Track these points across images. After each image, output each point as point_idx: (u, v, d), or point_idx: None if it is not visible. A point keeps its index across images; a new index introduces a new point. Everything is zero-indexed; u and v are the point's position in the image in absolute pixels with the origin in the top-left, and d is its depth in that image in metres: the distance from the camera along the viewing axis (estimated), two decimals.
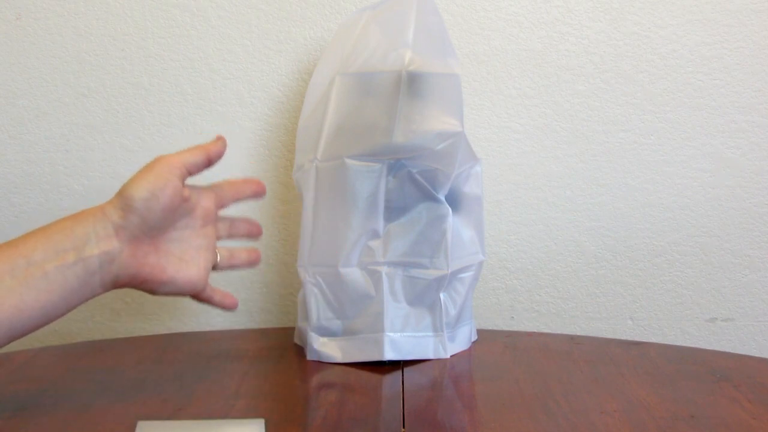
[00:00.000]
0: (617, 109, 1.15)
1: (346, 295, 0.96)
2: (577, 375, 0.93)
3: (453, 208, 0.97)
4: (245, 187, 0.87)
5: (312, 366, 0.97)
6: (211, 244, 0.83)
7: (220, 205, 0.85)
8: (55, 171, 1.17)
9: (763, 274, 1.17)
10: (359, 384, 0.91)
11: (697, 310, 1.18)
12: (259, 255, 0.88)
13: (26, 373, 0.94)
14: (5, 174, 1.17)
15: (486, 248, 1.06)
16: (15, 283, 0.73)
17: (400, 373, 0.93)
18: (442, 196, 0.96)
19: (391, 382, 0.91)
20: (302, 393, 0.92)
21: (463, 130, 0.94)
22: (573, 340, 1.06)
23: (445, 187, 0.96)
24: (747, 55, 1.13)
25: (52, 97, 1.16)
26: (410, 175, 0.95)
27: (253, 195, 0.87)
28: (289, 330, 1.07)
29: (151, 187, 0.76)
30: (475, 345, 1.03)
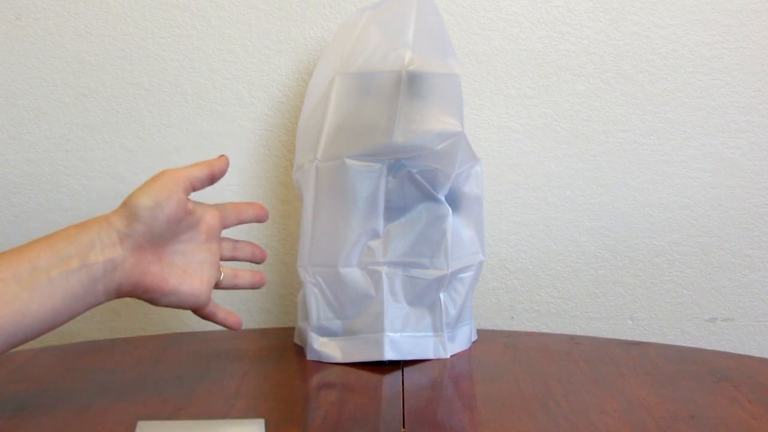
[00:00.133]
0: (617, 109, 1.15)
1: (346, 295, 0.96)
2: (577, 375, 0.93)
3: (453, 208, 0.97)
4: (248, 210, 0.88)
5: (312, 366, 0.97)
6: (215, 260, 0.84)
7: (224, 224, 0.86)
8: (55, 171, 1.17)
9: (763, 274, 1.17)
10: (359, 384, 0.91)
11: (697, 310, 1.18)
12: (263, 277, 0.90)
13: (26, 373, 0.94)
14: (5, 174, 1.17)
15: (486, 248, 1.06)
16: (19, 289, 0.73)
17: (400, 373, 0.93)
18: (442, 196, 0.96)
19: (391, 382, 0.91)
20: (302, 393, 0.92)
21: (463, 130, 0.94)
22: (573, 340, 1.06)
23: (445, 187, 0.96)
24: (747, 55, 1.13)
25: (52, 97, 1.16)
26: (410, 175, 0.95)
27: (256, 218, 0.89)
28: (289, 330, 1.07)
29: (156, 197, 0.77)
30: (475, 345, 1.03)
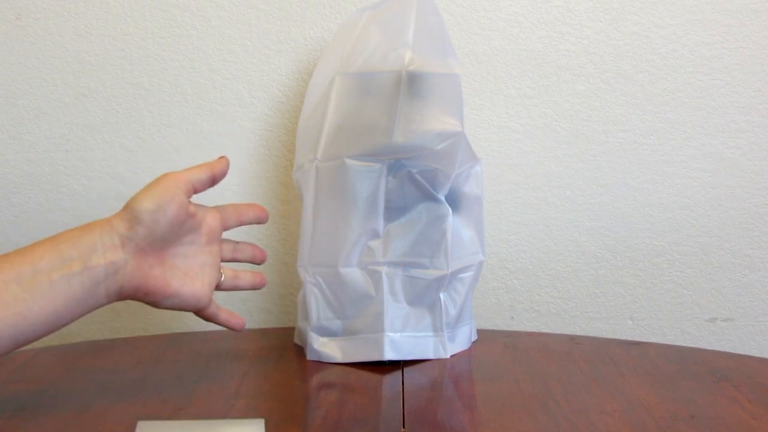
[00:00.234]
0: (617, 109, 1.15)
1: (346, 295, 0.96)
2: (577, 375, 0.93)
3: (453, 208, 0.97)
4: (249, 211, 0.88)
5: (312, 366, 0.97)
6: (216, 262, 0.84)
7: (225, 226, 0.86)
8: (55, 171, 1.17)
9: (763, 274, 1.17)
10: (359, 384, 0.91)
11: (697, 310, 1.18)
12: (264, 279, 0.90)
13: (26, 373, 0.94)
14: (5, 174, 1.17)
15: (486, 248, 1.06)
16: (21, 291, 0.73)
17: (400, 373, 0.93)
18: (442, 196, 0.96)
19: (391, 382, 0.91)
20: (302, 393, 0.92)
21: (463, 130, 0.94)
22: (573, 340, 1.06)
23: (445, 187, 0.96)
24: (747, 55, 1.13)
25: (52, 97, 1.16)
26: (410, 175, 0.95)
27: (256, 219, 0.89)
28: (289, 330, 1.07)
29: (158, 200, 0.77)
30: (475, 345, 1.03)
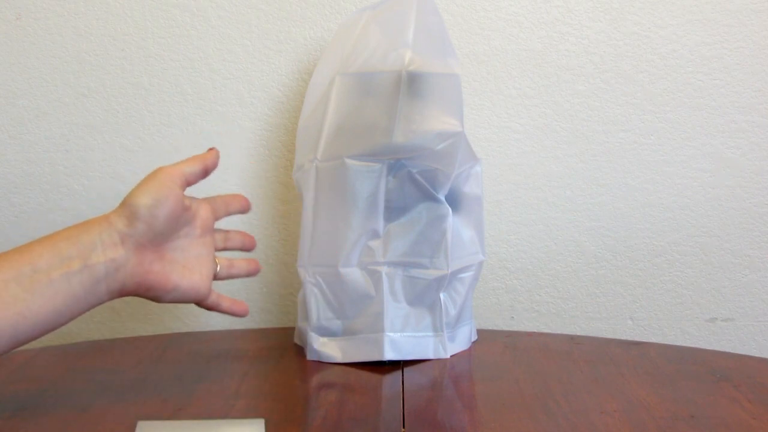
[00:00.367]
0: (617, 109, 1.15)
1: (346, 295, 0.96)
2: (577, 375, 0.93)
3: (453, 208, 0.97)
4: (233, 201, 0.89)
5: (312, 366, 0.97)
6: (211, 252, 0.85)
7: (215, 216, 0.87)
8: (55, 171, 1.17)
9: (763, 274, 1.17)
10: (359, 384, 0.91)
11: (697, 310, 1.18)
12: (258, 265, 0.91)
13: (26, 373, 0.94)
14: (5, 174, 1.17)
15: (486, 248, 1.06)
16: (20, 290, 0.73)
17: (400, 373, 0.93)
18: (442, 196, 0.96)
19: (391, 382, 0.91)
20: (302, 393, 0.92)
21: (463, 130, 0.94)
22: (573, 340, 1.06)
23: (445, 187, 0.96)
24: (747, 55, 1.13)
25: (52, 97, 1.16)
26: (410, 175, 0.95)
27: (240, 209, 0.90)
28: (289, 330, 1.07)
29: (155, 195, 0.78)
30: (475, 345, 1.03)
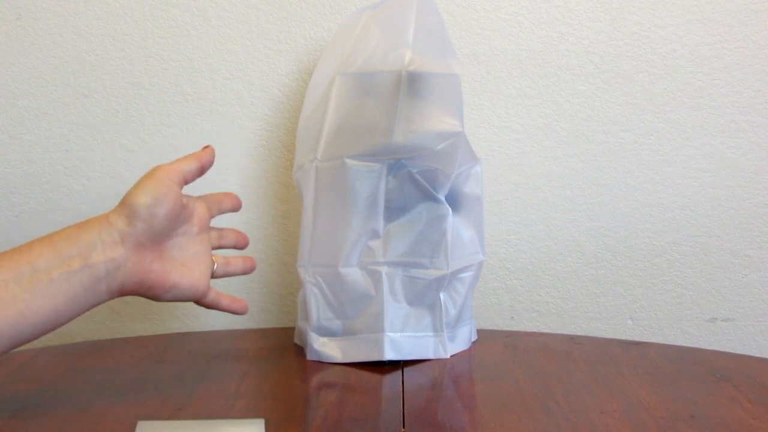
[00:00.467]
0: (617, 109, 1.15)
1: (346, 295, 0.96)
2: (577, 375, 0.93)
3: (453, 208, 0.97)
4: (226, 200, 0.90)
5: (312, 366, 0.97)
6: (208, 250, 0.85)
7: (211, 214, 0.87)
8: (55, 171, 1.17)
9: (763, 274, 1.17)
10: (359, 384, 0.91)
11: (697, 310, 1.18)
12: (253, 262, 0.91)
13: (26, 373, 0.94)
14: (5, 174, 1.17)
15: (486, 248, 1.06)
16: (20, 290, 0.73)
17: (400, 373, 0.93)
18: (442, 196, 0.96)
19: (391, 382, 0.91)
20: (302, 393, 0.92)
21: (463, 130, 0.94)
22: (573, 340, 1.06)
23: (445, 187, 0.96)
24: (747, 55, 1.13)
25: (52, 97, 1.16)
26: (410, 175, 0.95)
27: (232, 207, 0.90)
28: (289, 330, 1.07)
29: (154, 194, 0.78)
30: (475, 345, 1.03)
